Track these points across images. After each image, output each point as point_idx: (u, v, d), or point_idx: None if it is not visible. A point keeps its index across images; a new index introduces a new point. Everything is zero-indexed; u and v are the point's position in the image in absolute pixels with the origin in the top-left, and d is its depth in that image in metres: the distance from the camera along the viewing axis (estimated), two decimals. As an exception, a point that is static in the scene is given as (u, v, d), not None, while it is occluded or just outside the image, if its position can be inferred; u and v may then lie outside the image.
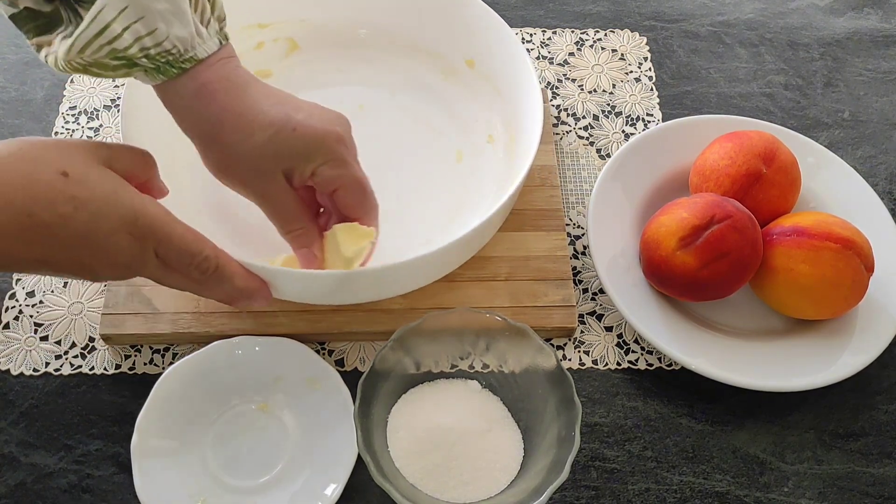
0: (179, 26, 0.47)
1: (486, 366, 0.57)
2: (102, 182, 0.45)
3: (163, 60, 0.48)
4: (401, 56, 0.73)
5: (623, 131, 0.74)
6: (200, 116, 0.50)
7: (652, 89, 0.77)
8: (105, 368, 0.59)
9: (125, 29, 0.46)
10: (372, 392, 0.53)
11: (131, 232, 0.45)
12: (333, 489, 0.53)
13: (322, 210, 0.56)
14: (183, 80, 0.49)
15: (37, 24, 0.48)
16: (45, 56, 0.49)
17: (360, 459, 0.53)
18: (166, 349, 0.60)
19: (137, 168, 0.49)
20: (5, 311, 0.61)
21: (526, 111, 0.63)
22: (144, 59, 0.47)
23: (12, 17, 0.48)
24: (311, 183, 0.52)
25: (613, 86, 0.77)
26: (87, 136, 0.71)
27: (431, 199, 0.66)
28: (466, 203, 0.66)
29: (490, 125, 0.70)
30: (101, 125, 0.71)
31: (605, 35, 0.81)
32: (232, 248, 0.52)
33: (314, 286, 0.55)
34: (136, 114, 0.59)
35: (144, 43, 0.47)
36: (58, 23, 0.48)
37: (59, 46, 0.47)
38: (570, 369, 0.61)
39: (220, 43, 0.50)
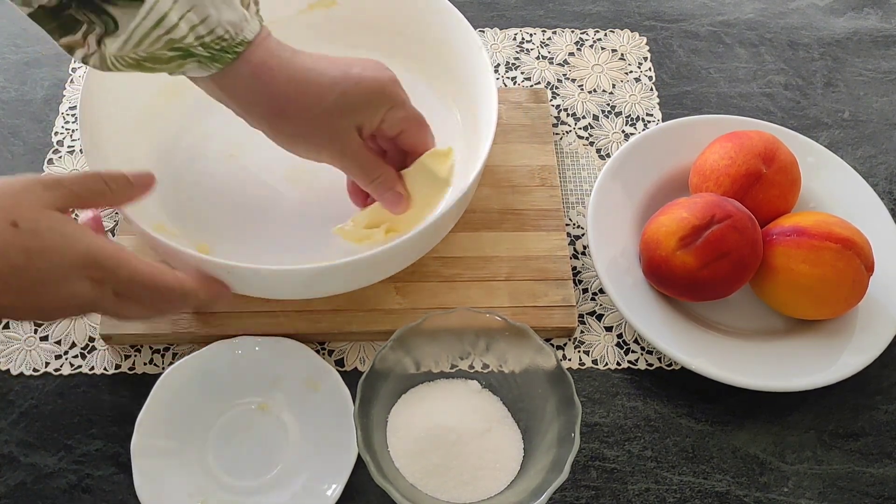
0: (229, 11, 0.48)
1: (486, 366, 0.57)
2: (54, 229, 0.45)
3: (217, 48, 0.49)
4: (366, 51, 0.72)
5: (623, 131, 0.74)
6: (263, 95, 0.51)
7: (652, 89, 0.77)
8: (105, 368, 0.59)
9: (181, 18, 0.46)
10: (372, 392, 0.53)
11: (89, 276, 0.46)
12: (333, 489, 0.53)
13: None
14: (237, 65, 0.50)
15: (58, 22, 0.48)
16: (84, 57, 0.49)
17: (360, 459, 0.53)
18: (166, 349, 0.60)
19: (93, 196, 0.49)
20: (5, 311, 0.62)
21: (482, 111, 0.62)
22: (200, 48, 0.48)
23: (31, 16, 0.48)
24: (377, 131, 0.54)
25: (613, 86, 0.77)
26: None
27: None
28: None
29: (452, 120, 0.69)
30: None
31: (605, 35, 0.81)
32: (198, 240, 0.52)
33: (275, 280, 0.55)
34: (95, 116, 0.59)
35: (199, 31, 0.47)
36: (78, 23, 0.48)
37: (107, 45, 0.48)
38: (570, 369, 0.61)
39: (260, 23, 0.51)
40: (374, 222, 0.59)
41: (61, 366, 0.59)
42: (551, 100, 0.75)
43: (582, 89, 0.77)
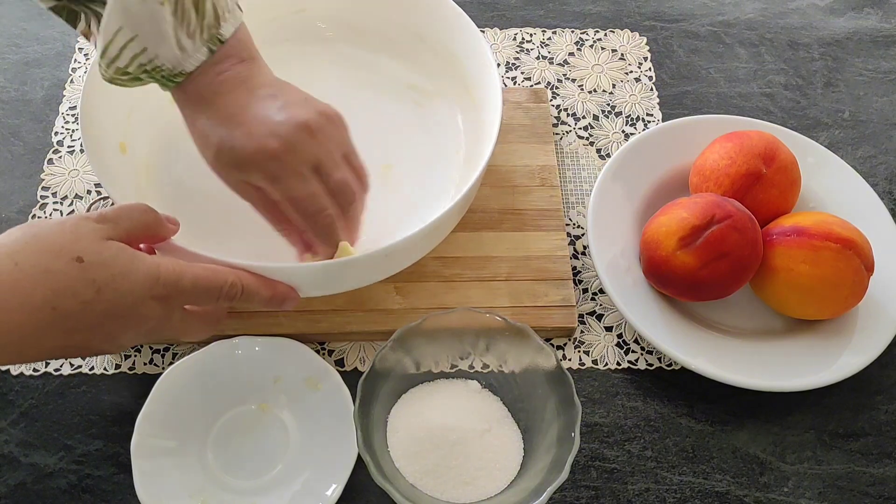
0: (165, 46, 0.49)
1: (486, 366, 0.57)
2: (116, 258, 0.45)
3: (159, 76, 0.50)
4: (366, 50, 0.72)
5: (623, 131, 0.74)
6: (190, 123, 0.53)
7: (652, 89, 0.77)
8: (105, 368, 0.59)
9: (122, 48, 0.48)
10: (372, 392, 0.53)
11: (153, 296, 0.46)
12: (333, 489, 0.53)
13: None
14: (182, 88, 0.51)
15: (65, 12, 0.51)
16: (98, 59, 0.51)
17: (360, 459, 0.53)
18: (166, 349, 0.60)
19: (139, 227, 0.49)
20: (5, 311, 0.61)
21: (485, 112, 0.62)
22: (145, 75, 0.49)
23: (51, 9, 0.51)
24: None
25: (613, 86, 0.77)
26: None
27: (395, 192, 0.65)
28: (430, 195, 0.65)
29: (454, 121, 0.69)
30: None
31: (605, 35, 0.81)
32: (191, 238, 0.53)
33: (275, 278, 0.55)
34: (95, 118, 0.59)
35: (140, 60, 0.49)
36: (77, 14, 0.50)
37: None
38: (570, 369, 0.61)
39: (211, 50, 0.51)
40: None
41: (61, 366, 0.59)
42: (551, 100, 0.75)
43: (582, 89, 0.77)
